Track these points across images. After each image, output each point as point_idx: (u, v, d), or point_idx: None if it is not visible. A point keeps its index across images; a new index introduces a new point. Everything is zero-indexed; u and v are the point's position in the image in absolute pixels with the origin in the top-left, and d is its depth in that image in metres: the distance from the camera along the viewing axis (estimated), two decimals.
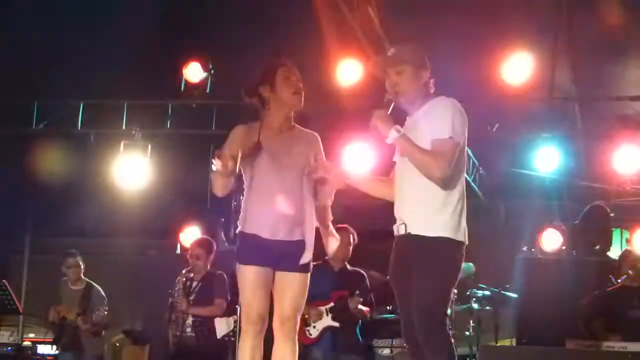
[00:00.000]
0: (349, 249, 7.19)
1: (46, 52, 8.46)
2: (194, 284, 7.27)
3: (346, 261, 7.24)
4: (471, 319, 7.62)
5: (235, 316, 6.51)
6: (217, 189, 4.43)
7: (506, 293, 7.87)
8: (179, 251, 9.83)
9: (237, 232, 4.53)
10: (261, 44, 7.87)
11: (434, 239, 4.15)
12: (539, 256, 8.78)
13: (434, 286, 4.13)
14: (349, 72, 8.64)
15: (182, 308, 7.10)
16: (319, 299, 6.80)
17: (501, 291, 7.81)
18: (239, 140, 4.50)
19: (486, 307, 7.78)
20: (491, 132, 8.80)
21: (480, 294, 7.70)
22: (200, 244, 7.53)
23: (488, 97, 8.65)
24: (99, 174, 9.69)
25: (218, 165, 4.26)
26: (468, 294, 7.59)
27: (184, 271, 7.28)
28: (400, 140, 4.19)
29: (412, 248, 4.20)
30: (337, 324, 6.99)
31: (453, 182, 4.21)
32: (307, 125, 4.70)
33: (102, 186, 9.73)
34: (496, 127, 8.82)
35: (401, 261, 4.28)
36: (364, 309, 7.07)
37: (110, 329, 8.40)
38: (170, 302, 7.16)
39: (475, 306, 7.65)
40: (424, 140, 4.17)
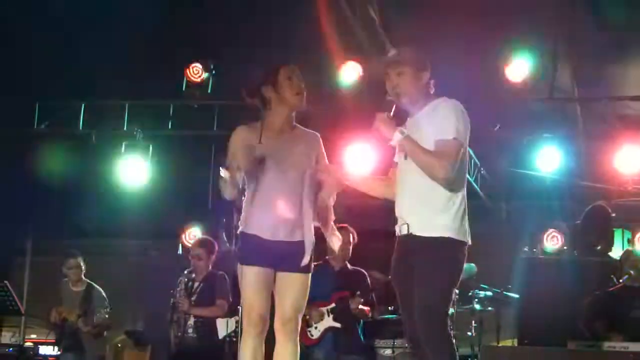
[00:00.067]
0: (349, 248, 7.19)
1: (47, 53, 8.46)
2: (196, 284, 7.27)
3: (346, 260, 7.25)
4: (473, 320, 7.61)
5: (236, 317, 6.50)
6: (226, 194, 4.45)
7: (508, 293, 7.86)
8: (180, 251, 9.82)
9: (238, 233, 4.53)
10: (262, 44, 7.87)
11: (437, 239, 4.15)
12: (540, 256, 8.78)
13: (436, 286, 4.13)
14: (350, 72, 8.65)
15: (183, 308, 7.10)
16: (319, 299, 6.81)
17: (503, 291, 7.80)
18: (241, 143, 4.50)
19: (488, 308, 7.77)
20: (493, 133, 8.80)
21: (482, 294, 7.69)
22: (202, 244, 7.53)
23: (489, 98, 8.65)
24: (101, 174, 9.69)
25: (225, 175, 4.27)
26: (470, 294, 7.59)
27: (185, 272, 7.28)
28: (404, 141, 4.20)
29: (414, 248, 4.20)
30: (338, 324, 7.00)
31: (456, 183, 4.22)
32: (308, 126, 4.70)
33: (103, 187, 9.73)
34: (498, 127, 8.82)
35: (403, 261, 4.28)
36: (365, 309, 7.07)
37: (111, 330, 8.39)
38: (172, 302, 7.17)
39: (477, 307, 7.64)
40: (427, 141, 4.18)
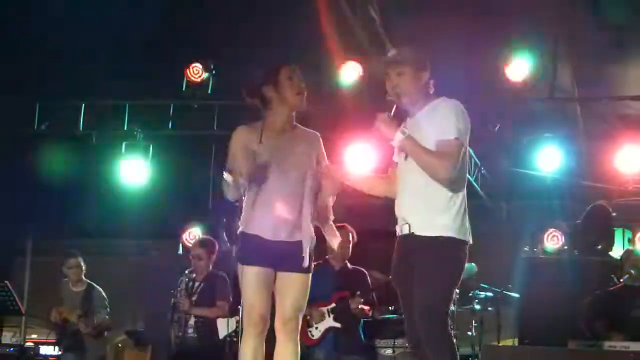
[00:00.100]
0: (349, 247, 7.19)
1: (48, 53, 8.46)
2: (196, 284, 7.27)
3: (346, 260, 7.24)
4: (473, 319, 7.61)
5: (237, 317, 6.50)
6: (229, 196, 4.46)
7: (508, 293, 7.87)
8: (180, 251, 9.82)
9: (238, 233, 4.53)
10: (262, 44, 7.87)
11: (438, 239, 4.15)
12: (540, 256, 8.77)
13: (437, 286, 4.13)
14: (350, 72, 8.64)
15: (184, 308, 7.10)
16: (320, 299, 6.80)
17: (503, 291, 7.80)
18: (242, 143, 4.49)
19: (488, 307, 7.77)
20: (493, 132, 8.80)
21: (483, 294, 7.69)
22: (202, 244, 7.54)
23: (490, 97, 8.65)
24: (101, 174, 9.69)
25: (229, 179, 4.27)
26: (470, 294, 7.58)
27: (186, 271, 7.28)
28: (406, 142, 4.20)
29: (415, 248, 4.20)
30: (338, 324, 6.99)
31: (457, 183, 4.22)
32: (309, 126, 4.70)
33: (103, 187, 9.73)
34: (498, 127, 8.82)
35: (404, 261, 4.28)
36: (365, 308, 7.06)
37: (112, 330, 8.39)
38: (172, 302, 7.17)
39: (478, 306, 7.64)
40: (428, 141, 4.18)
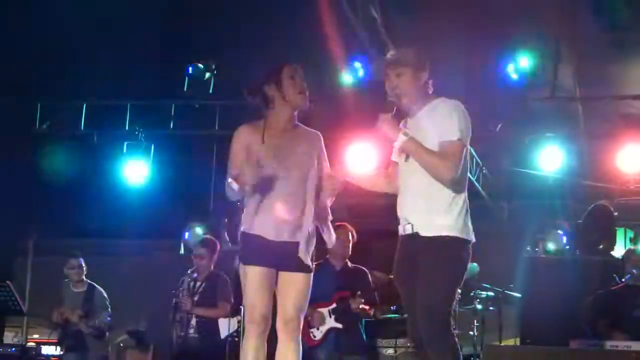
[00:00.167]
0: (349, 246, 7.18)
1: (49, 53, 8.47)
2: (198, 284, 7.28)
3: (347, 259, 7.23)
4: (475, 319, 7.61)
5: (238, 317, 6.50)
6: (230, 198, 4.46)
7: (510, 293, 7.86)
8: (182, 251, 9.82)
9: (240, 233, 4.52)
10: (264, 44, 7.87)
11: (441, 239, 4.15)
12: (542, 256, 8.75)
13: (439, 286, 4.13)
14: (351, 72, 8.64)
15: (186, 308, 7.10)
16: (321, 299, 6.78)
17: (505, 291, 7.80)
18: (244, 143, 4.49)
19: (490, 307, 7.77)
20: (494, 132, 8.80)
21: (484, 294, 7.69)
22: (204, 243, 7.54)
23: (491, 97, 8.65)
24: (102, 174, 9.71)
25: (234, 186, 4.27)
26: (472, 294, 7.58)
27: (189, 271, 7.28)
28: (409, 143, 4.20)
29: (418, 247, 4.20)
30: (340, 325, 6.98)
31: (459, 183, 4.23)
32: (310, 125, 4.70)
33: (105, 186, 9.74)
34: (499, 126, 8.82)
35: (407, 261, 4.28)
36: (367, 308, 7.05)
37: (113, 330, 8.39)
38: (174, 302, 7.16)
39: (479, 306, 7.64)
40: (431, 142, 4.18)
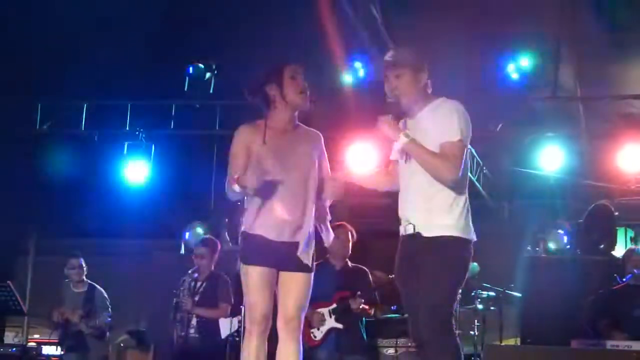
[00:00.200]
0: (348, 246, 7.17)
1: (49, 53, 8.47)
2: (198, 284, 7.28)
3: (346, 258, 7.23)
4: (476, 319, 7.61)
5: (239, 316, 6.50)
6: (231, 198, 4.46)
7: (510, 292, 7.86)
8: (183, 251, 9.82)
9: (241, 233, 4.52)
10: (264, 43, 7.87)
11: (443, 239, 4.15)
12: (543, 255, 8.76)
13: (442, 286, 4.13)
14: (352, 71, 8.64)
15: (187, 307, 7.10)
16: (321, 299, 6.75)
17: (505, 291, 7.80)
18: (244, 143, 4.49)
19: (491, 307, 7.77)
20: (495, 132, 8.80)
21: (485, 293, 7.69)
22: (205, 243, 7.54)
23: (492, 97, 8.64)
24: (103, 174, 9.71)
25: (237, 189, 4.27)
26: (473, 294, 7.57)
27: (189, 271, 7.28)
28: (410, 145, 4.19)
29: (420, 247, 4.19)
30: (340, 325, 6.97)
31: (460, 183, 4.22)
32: (311, 125, 4.69)
33: (106, 186, 9.74)
34: (500, 126, 8.82)
35: (408, 261, 4.27)
36: (367, 307, 7.04)
37: (114, 330, 8.39)
38: (175, 302, 7.17)
39: (480, 306, 7.63)
40: (432, 143, 4.18)
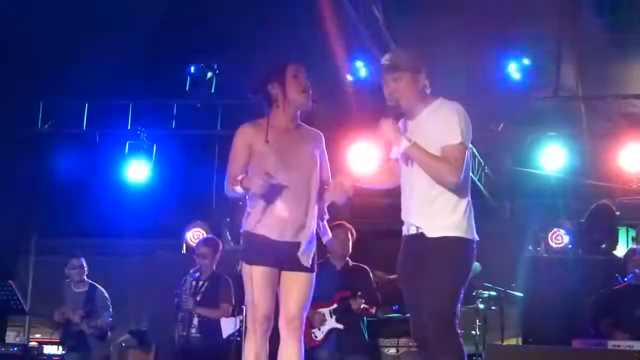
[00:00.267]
0: (348, 245, 7.17)
1: (51, 52, 8.47)
2: (200, 283, 7.28)
3: (347, 257, 7.22)
4: (477, 318, 7.60)
5: (241, 316, 6.50)
6: (230, 196, 4.46)
7: (512, 292, 7.85)
8: (184, 251, 9.82)
9: (242, 232, 4.51)
10: (266, 43, 7.87)
11: (447, 239, 4.15)
12: (544, 255, 8.76)
13: (446, 287, 4.12)
14: (353, 71, 8.63)
15: (189, 307, 7.10)
16: (322, 299, 6.75)
17: (507, 290, 7.79)
18: (246, 142, 4.48)
19: (492, 307, 7.76)
20: (496, 131, 8.80)
21: (486, 293, 7.68)
22: (207, 243, 7.54)
23: (494, 96, 8.64)
24: (104, 173, 9.71)
25: (238, 189, 4.31)
26: (474, 293, 7.57)
27: (191, 271, 7.28)
28: (412, 149, 4.19)
29: (424, 248, 4.19)
30: (341, 326, 6.96)
31: (463, 185, 4.22)
32: (313, 125, 4.69)
33: (107, 186, 9.74)
34: (502, 126, 8.82)
35: (411, 260, 4.27)
36: (368, 307, 7.03)
37: (115, 330, 8.39)
38: (176, 301, 7.17)
39: (481, 305, 7.63)
40: (433, 144, 4.17)
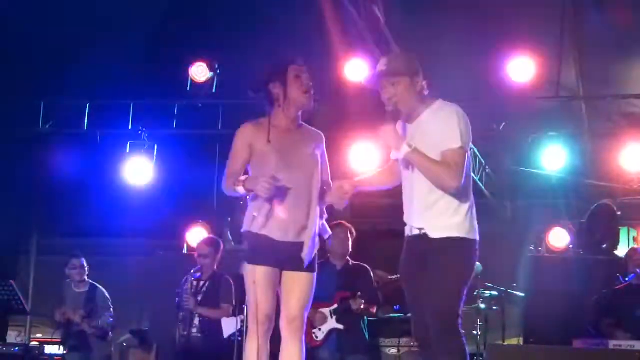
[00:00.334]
0: (348, 244, 7.17)
1: (52, 52, 8.48)
2: (201, 283, 7.28)
3: (347, 257, 7.22)
4: (478, 318, 7.60)
5: (242, 316, 6.50)
6: (228, 194, 4.46)
7: (513, 292, 7.86)
8: (185, 251, 9.82)
9: (244, 232, 4.51)
10: (267, 43, 7.87)
11: (449, 240, 4.16)
12: (545, 255, 8.76)
13: (449, 287, 4.13)
14: (355, 71, 8.63)
15: (190, 307, 7.11)
16: (322, 299, 6.74)
17: (508, 290, 7.80)
18: (247, 142, 4.48)
19: (493, 306, 7.76)
20: (497, 131, 8.80)
21: (487, 293, 7.68)
22: (208, 243, 7.54)
23: (494, 96, 8.64)
24: (106, 173, 9.70)
25: (240, 190, 4.33)
26: (475, 293, 7.57)
27: (192, 271, 7.28)
28: (412, 155, 4.19)
29: (426, 249, 4.20)
30: (341, 326, 6.96)
31: (464, 188, 4.22)
32: (314, 125, 4.69)
33: (108, 186, 9.74)
34: (503, 126, 8.81)
35: (414, 261, 4.28)
36: (368, 307, 7.02)
37: (116, 330, 8.39)
38: (177, 301, 7.17)
39: (482, 305, 7.63)
40: (433, 147, 4.17)
